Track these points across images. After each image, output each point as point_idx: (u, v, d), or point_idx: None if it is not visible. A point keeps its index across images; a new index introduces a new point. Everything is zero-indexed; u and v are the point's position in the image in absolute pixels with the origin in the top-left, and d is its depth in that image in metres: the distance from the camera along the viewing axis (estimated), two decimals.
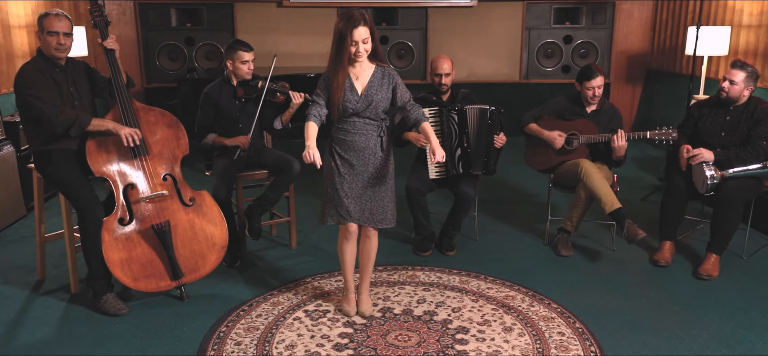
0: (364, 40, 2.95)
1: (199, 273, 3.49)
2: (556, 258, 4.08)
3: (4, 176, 4.60)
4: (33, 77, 3.23)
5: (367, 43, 2.97)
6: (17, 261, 4.02)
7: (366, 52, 2.99)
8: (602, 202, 3.86)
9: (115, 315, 3.30)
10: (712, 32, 5.63)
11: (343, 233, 3.21)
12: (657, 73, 7.59)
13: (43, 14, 3.29)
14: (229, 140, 3.92)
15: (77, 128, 3.23)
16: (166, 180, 3.48)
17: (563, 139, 4.12)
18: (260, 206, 3.98)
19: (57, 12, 3.30)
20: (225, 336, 3.09)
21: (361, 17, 2.95)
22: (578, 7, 7.62)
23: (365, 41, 2.96)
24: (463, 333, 3.12)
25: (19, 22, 5.45)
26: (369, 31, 2.96)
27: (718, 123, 3.94)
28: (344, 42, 2.94)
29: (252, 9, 7.42)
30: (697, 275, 3.77)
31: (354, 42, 2.95)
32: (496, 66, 7.81)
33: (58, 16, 3.28)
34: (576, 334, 3.11)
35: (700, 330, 3.17)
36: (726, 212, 3.76)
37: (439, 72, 4.11)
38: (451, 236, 4.16)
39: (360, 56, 2.99)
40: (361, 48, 2.97)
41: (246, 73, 3.97)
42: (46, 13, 3.29)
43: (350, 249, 3.23)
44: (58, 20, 3.26)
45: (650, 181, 5.79)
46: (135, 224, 3.37)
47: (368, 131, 3.06)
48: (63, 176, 3.33)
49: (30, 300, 3.51)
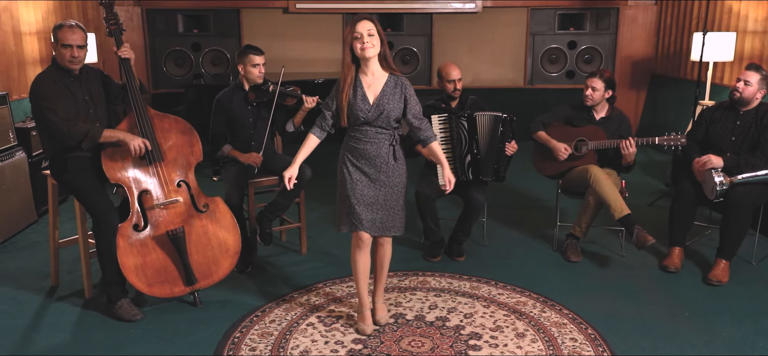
0: (368, 31, 2.91)
1: (212, 278, 3.52)
2: (565, 264, 4.11)
3: (16, 181, 4.63)
4: (48, 88, 3.26)
5: (373, 35, 2.93)
6: (30, 267, 4.04)
7: (372, 46, 2.93)
8: (611, 208, 3.89)
9: (130, 321, 3.32)
10: (717, 38, 5.66)
11: (355, 242, 3.15)
12: (661, 79, 7.62)
13: (58, 26, 3.31)
14: (243, 157, 3.96)
15: (89, 140, 3.26)
16: (180, 187, 3.51)
17: (568, 153, 4.14)
18: (271, 212, 4.00)
19: (71, 24, 3.32)
20: (239, 342, 3.12)
21: (366, 15, 2.97)
22: (582, 12, 7.66)
23: (371, 34, 2.92)
24: (476, 339, 3.14)
25: (30, 28, 5.48)
26: (375, 28, 2.94)
27: (729, 128, 3.97)
28: (349, 39, 2.94)
29: (258, 15, 7.46)
30: (707, 281, 3.79)
31: (358, 33, 2.91)
32: (501, 72, 7.85)
33: (72, 28, 3.30)
34: (588, 340, 3.13)
35: (712, 336, 3.19)
36: (735, 218, 3.78)
37: (451, 78, 4.14)
38: (460, 241, 4.18)
39: (367, 50, 2.93)
40: (367, 40, 2.91)
41: (257, 77, 4.01)
42: (61, 24, 3.31)
43: (363, 260, 3.18)
44: (71, 33, 3.28)
45: (657, 186, 5.82)
46: (149, 230, 3.39)
47: (380, 139, 3.04)
48: (78, 183, 3.36)
49: (44, 305, 3.53)
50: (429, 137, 3.13)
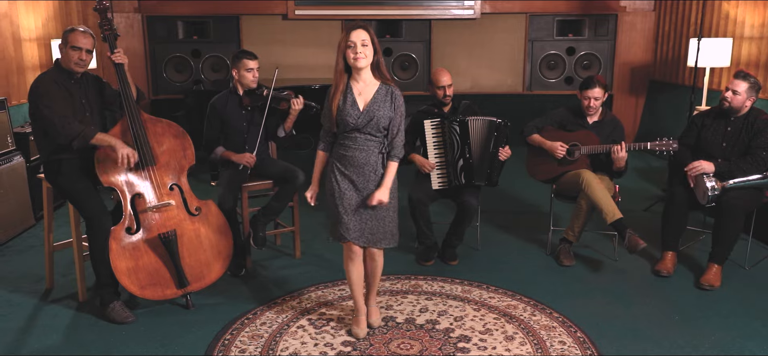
0: (362, 41, 2.90)
1: (204, 281, 3.54)
2: (558, 268, 4.11)
3: (14, 186, 4.67)
4: (47, 87, 3.32)
5: (367, 45, 2.92)
6: (26, 270, 4.08)
7: (365, 57, 2.92)
8: (603, 212, 3.90)
9: (122, 323, 3.35)
10: (714, 44, 5.67)
11: (346, 253, 3.14)
12: (660, 85, 7.62)
13: (70, 29, 3.40)
14: (236, 157, 3.99)
15: (81, 140, 3.29)
16: (172, 190, 3.54)
17: (565, 149, 4.16)
18: (265, 215, 4.03)
19: (83, 29, 3.41)
20: (229, 344, 3.14)
21: (362, 23, 2.95)
22: (581, 19, 7.68)
23: (364, 44, 2.91)
24: (465, 342, 3.15)
25: (30, 35, 5.54)
26: (369, 38, 2.92)
27: (720, 134, 3.98)
28: (342, 47, 2.94)
29: (258, 21, 7.51)
30: (699, 285, 3.79)
31: (351, 43, 2.90)
32: (499, 77, 7.87)
33: (84, 33, 3.39)
34: (577, 343, 3.14)
35: (702, 339, 3.19)
36: (727, 222, 3.78)
37: (441, 85, 4.16)
38: (454, 246, 4.19)
39: (359, 61, 2.92)
40: (359, 50, 2.90)
41: (251, 81, 4.05)
42: (73, 28, 3.41)
43: (356, 269, 3.15)
44: (83, 37, 3.37)
45: (653, 191, 5.81)
46: (142, 234, 3.42)
47: (369, 147, 3.01)
48: (71, 186, 3.40)
49: (38, 308, 3.57)
50: (394, 155, 3.04)
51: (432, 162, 4.06)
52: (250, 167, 3.98)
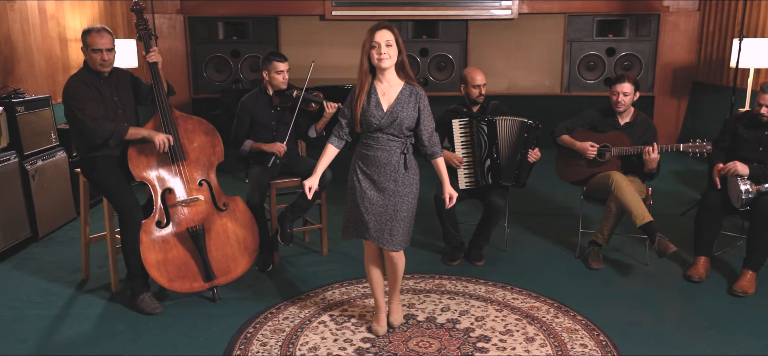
0: (386, 41, 2.89)
1: (230, 275, 3.62)
2: (586, 271, 4.05)
3: (57, 180, 4.87)
4: (78, 89, 3.44)
5: (391, 46, 2.92)
6: (65, 261, 4.25)
7: (389, 57, 2.92)
8: (633, 215, 3.82)
9: (151, 314, 3.46)
10: (759, 44, 5.49)
11: (366, 252, 3.19)
12: (703, 86, 7.41)
13: (86, 31, 3.49)
14: (267, 146, 4.06)
15: (116, 137, 3.42)
16: (201, 185, 3.63)
17: (596, 149, 4.10)
18: (292, 212, 4.09)
19: (98, 28, 3.49)
20: (251, 337, 3.20)
21: (386, 23, 2.95)
22: (622, 19, 7.52)
23: (389, 44, 2.90)
24: (485, 342, 3.14)
25: (76, 35, 5.76)
26: (394, 38, 2.92)
27: (756, 137, 3.85)
28: (367, 47, 2.95)
29: (296, 22, 7.61)
30: (732, 291, 3.68)
31: (375, 43, 2.90)
32: (537, 79, 7.78)
33: (100, 32, 3.47)
34: (599, 346, 3.09)
35: (730, 347, 3.10)
36: (762, 227, 3.66)
37: (476, 83, 4.15)
38: (480, 246, 4.18)
39: (383, 61, 2.92)
40: (384, 50, 2.89)
41: (281, 83, 4.12)
42: (89, 29, 3.49)
43: (375, 267, 3.21)
44: (100, 37, 3.46)
45: (691, 195, 5.66)
46: (171, 227, 3.53)
47: (392, 147, 3.01)
48: (105, 181, 3.53)
49: (74, 297, 3.71)
50: (435, 152, 3.10)
51: (460, 157, 4.06)
52: (281, 156, 4.03)
